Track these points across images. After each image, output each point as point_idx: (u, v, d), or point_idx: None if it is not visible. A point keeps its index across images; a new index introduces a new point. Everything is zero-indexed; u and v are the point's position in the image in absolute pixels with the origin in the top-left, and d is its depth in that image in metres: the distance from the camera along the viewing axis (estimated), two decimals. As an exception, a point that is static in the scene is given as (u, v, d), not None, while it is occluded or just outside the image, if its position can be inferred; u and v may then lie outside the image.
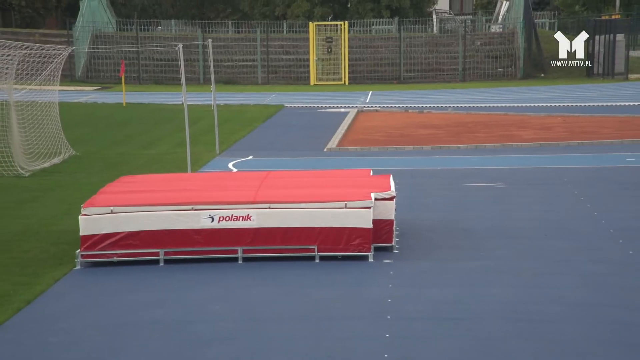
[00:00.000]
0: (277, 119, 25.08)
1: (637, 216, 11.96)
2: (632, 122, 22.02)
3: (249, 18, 49.35)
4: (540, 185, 14.31)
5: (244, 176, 12.98)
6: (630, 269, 9.50)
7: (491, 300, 8.52)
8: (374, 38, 39.99)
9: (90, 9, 39.99)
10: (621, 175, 15.14)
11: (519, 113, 24.74)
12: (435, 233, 11.19)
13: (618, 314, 8.08)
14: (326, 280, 9.28)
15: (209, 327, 7.95)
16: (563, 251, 10.27)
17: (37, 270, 9.79)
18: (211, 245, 9.92)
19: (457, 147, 18.77)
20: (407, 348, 7.34)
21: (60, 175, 15.92)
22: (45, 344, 7.63)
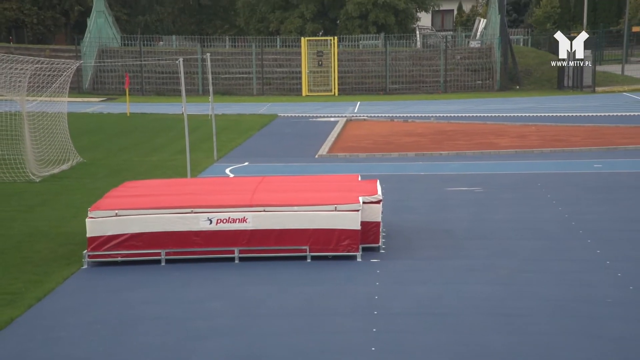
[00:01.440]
0: (272, 128, 25.07)
1: (604, 218, 11.99)
2: (600, 131, 22.08)
3: (245, 33, 49.37)
4: (516, 190, 14.33)
5: (240, 181, 12.97)
6: (598, 267, 9.53)
7: (470, 296, 8.54)
8: (361, 52, 40.03)
9: (97, 25, 39.97)
10: (590, 180, 15.17)
11: (496, 122, 24.78)
12: (419, 234, 11.20)
13: (585, 308, 8.12)
14: (317, 279, 9.28)
15: (208, 323, 7.94)
16: (536, 251, 10.30)
17: (47, 269, 9.77)
18: (209, 246, 9.92)
19: (439, 154, 18.79)
20: (393, 341, 7.35)
21: (69, 181, 15.89)
22: (55, 338, 7.62)
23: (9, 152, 16.68)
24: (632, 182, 14.85)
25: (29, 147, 16.26)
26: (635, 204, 12.98)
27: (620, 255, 9.94)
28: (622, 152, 18.42)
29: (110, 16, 41.64)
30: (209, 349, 7.27)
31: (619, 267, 9.46)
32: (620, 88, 35.76)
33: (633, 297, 8.39)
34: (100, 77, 38.83)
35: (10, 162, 16.21)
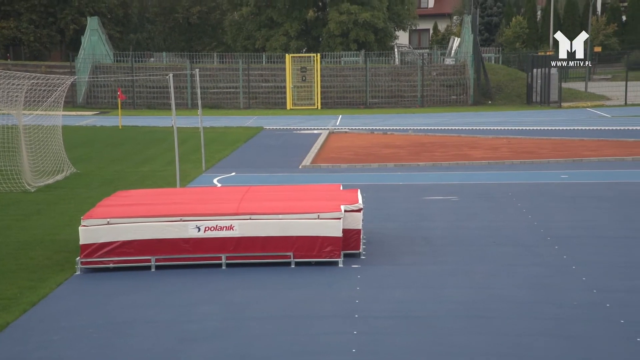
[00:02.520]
0: (257, 140, 25.06)
1: (570, 225, 12.06)
2: (566, 144, 22.25)
3: (232, 50, 49.41)
4: (489, 198, 14.39)
5: (227, 190, 12.94)
6: (564, 271, 9.58)
7: (446, 299, 8.55)
8: (343, 68, 40.16)
9: (90, 43, 39.92)
10: (557, 189, 15.27)
11: (470, 135, 24.91)
12: (398, 241, 11.21)
13: (554, 310, 8.15)
14: (301, 284, 9.26)
15: (197, 326, 7.90)
16: (508, 256, 10.34)
17: (42, 275, 9.70)
18: (198, 253, 9.88)
19: (416, 165, 18.84)
20: (373, 343, 7.34)
21: (63, 191, 15.80)
22: (49, 342, 7.56)
23: (6, 163, 16.60)
24: (596, 192, 14.96)
25: (25, 158, 16.19)
26: (599, 212, 13.07)
27: (585, 261, 10.00)
28: (586, 164, 18.55)
29: (104, 34, 41.61)
30: (198, 351, 7.23)
31: (584, 271, 9.51)
32: (584, 104, 36.09)
33: (596, 300, 8.44)
34: (94, 92, 38.71)
35: (7, 173, 16.13)
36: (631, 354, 6.93)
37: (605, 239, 11.22)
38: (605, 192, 14.89)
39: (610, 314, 7.99)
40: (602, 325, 7.69)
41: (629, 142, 22.13)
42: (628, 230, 11.76)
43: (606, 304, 8.31)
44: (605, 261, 9.99)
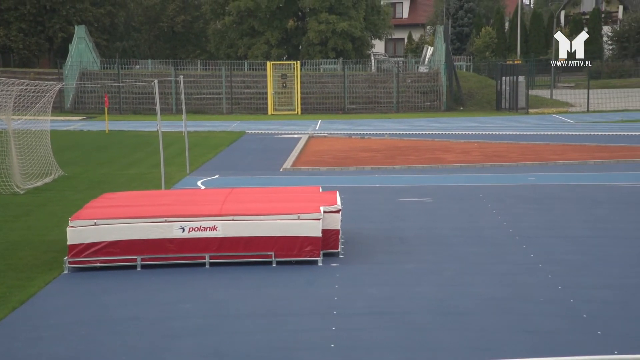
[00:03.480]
0: (240, 144, 25.00)
1: (537, 226, 12.14)
2: (533, 148, 22.40)
3: (215, 58, 49.28)
4: (461, 200, 14.45)
5: (210, 192, 12.89)
6: (531, 269, 9.64)
7: (420, 296, 8.58)
8: (322, 75, 40.18)
9: (78, 50, 39.68)
10: (525, 191, 15.36)
11: (443, 139, 25.01)
12: (375, 240, 11.23)
13: (521, 306, 8.21)
14: (282, 282, 9.25)
15: (181, 323, 7.86)
16: (478, 255, 10.39)
17: (30, 274, 9.62)
18: (182, 252, 9.84)
19: (392, 168, 18.89)
20: (351, 338, 7.35)
21: (51, 193, 15.67)
22: (38, 338, 7.50)
23: (-4, 166, 16.43)
24: (562, 193, 15.08)
25: (14, 161, 16.06)
26: (564, 212, 13.17)
27: (550, 259, 10.07)
28: (552, 167, 18.69)
29: (91, 42, 41.38)
30: (182, 347, 7.20)
31: (550, 269, 9.58)
32: (549, 110, 36.38)
33: (561, 296, 8.50)
34: (81, 98, 38.44)
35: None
36: (593, 346, 6.99)
37: (570, 238, 11.31)
38: (570, 193, 15.01)
39: (574, 309, 8.06)
40: (567, 320, 7.75)
41: (592, 147, 22.33)
42: (591, 229, 11.86)
43: (570, 299, 8.38)
44: (569, 259, 10.06)
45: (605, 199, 14.37)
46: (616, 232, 11.66)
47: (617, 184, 15.90)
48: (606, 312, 7.96)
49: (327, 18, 46.24)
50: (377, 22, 50.16)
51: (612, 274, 9.34)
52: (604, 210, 13.26)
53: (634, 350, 6.90)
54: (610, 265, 9.74)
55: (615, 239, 11.23)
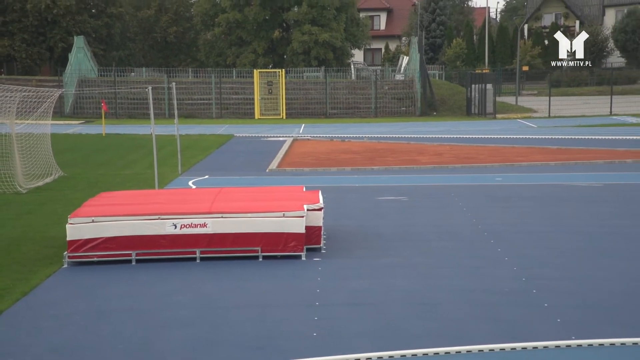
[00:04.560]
0: (228, 146, 24.94)
1: (504, 222, 12.20)
2: (500, 151, 22.53)
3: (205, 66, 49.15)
4: (434, 199, 14.50)
5: (201, 192, 12.86)
6: (498, 262, 9.70)
7: (396, 289, 8.60)
8: (305, 82, 40.17)
9: (77, 59, 39.47)
10: (492, 190, 15.45)
11: (418, 142, 25.08)
12: (354, 236, 11.25)
13: (488, 297, 8.25)
14: (267, 275, 9.24)
15: (173, 314, 7.83)
16: (450, 250, 10.43)
17: (32, 268, 9.55)
18: (174, 248, 9.81)
19: (371, 169, 18.92)
20: (332, 328, 7.35)
21: (51, 192, 15.55)
22: (39, 328, 7.44)
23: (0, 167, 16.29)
24: (526, 192, 15.17)
25: (17, 163, 15.95)
26: (528, 210, 13.26)
27: (515, 253, 10.13)
28: (518, 168, 18.81)
29: (89, 52, 41.16)
30: (173, 337, 7.18)
31: (515, 262, 9.64)
32: (514, 115, 36.61)
33: (525, 287, 8.56)
34: (80, 103, 38.18)
35: (1, 176, 15.84)
36: (553, 333, 7.05)
37: (534, 233, 11.38)
38: (534, 192, 15.10)
39: (536, 299, 8.12)
40: (529, 309, 7.81)
41: (553, 149, 22.49)
42: (553, 225, 11.95)
43: (533, 290, 8.44)
44: (533, 253, 10.13)
45: (566, 197, 14.49)
46: (575, 228, 11.75)
47: (575, 184, 16.03)
48: (565, 301, 8.03)
49: (310, 29, 46.26)
50: (357, 33, 50.25)
51: (570, 267, 9.42)
52: (564, 208, 13.37)
53: (590, 335, 6.96)
54: (569, 259, 9.82)
55: (574, 234, 11.32)
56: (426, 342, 6.87)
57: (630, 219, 12.34)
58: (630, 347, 6.74)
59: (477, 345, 6.78)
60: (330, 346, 6.84)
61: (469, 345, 6.78)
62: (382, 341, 6.96)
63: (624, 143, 23.41)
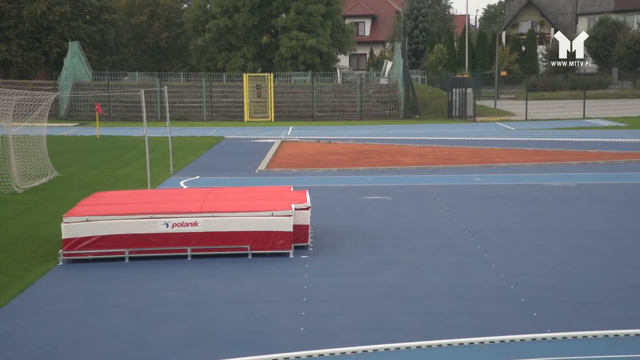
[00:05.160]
0: (219, 148, 24.87)
1: (483, 221, 12.25)
2: (480, 152, 22.60)
3: (196, 70, 49.00)
4: (417, 198, 14.53)
5: (192, 191, 12.81)
6: (478, 259, 9.74)
7: (381, 284, 8.62)
8: (293, 86, 40.13)
9: (72, 64, 39.25)
10: (472, 190, 15.50)
11: (401, 144, 25.13)
12: (341, 235, 11.25)
13: (469, 292, 8.28)
14: (256, 272, 9.23)
15: (165, 309, 7.80)
16: (432, 247, 10.46)
17: (28, 265, 9.49)
18: (166, 246, 9.77)
19: (356, 169, 18.92)
20: (319, 322, 7.36)
21: (47, 192, 15.44)
22: (35, 323, 7.39)
23: (-3, 168, 16.18)
24: (505, 192, 15.24)
25: (13, 164, 15.83)
26: (507, 209, 13.31)
27: (494, 250, 10.18)
28: (497, 169, 18.88)
29: (83, 56, 40.94)
30: (165, 331, 7.15)
31: (494, 259, 9.69)
32: (493, 118, 36.76)
33: (503, 283, 8.61)
34: (74, 106, 37.96)
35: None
36: (530, 326, 7.09)
37: (512, 231, 11.44)
38: (512, 192, 15.17)
39: (514, 294, 8.17)
40: (508, 304, 7.85)
41: (530, 151, 22.60)
42: (530, 224, 12.01)
43: (511, 285, 8.49)
44: (511, 250, 10.18)
45: (542, 197, 14.57)
46: (550, 226, 11.82)
47: (551, 184, 16.13)
48: (541, 296, 8.08)
49: (297, 35, 46.25)
50: (342, 39, 50.27)
51: (546, 263, 9.48)
52: (541, 207, 13.43)
53: (565, 328, 7.01)
54: (545, 255, 9.88)
55: (550, 232, 11.39)
56: (410, 336, 6.88)
57: (602, 218, 12.44)
58: (602, 339, 6.80)
59: (458, 339, 6.80)
60: (318, 340, 6.83)
61: (451, 339, 6.80)
62: (367, 335, 6.97)
63: (596, 145, 23.58)
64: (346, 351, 6.55)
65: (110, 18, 52.43)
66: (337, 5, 48.85)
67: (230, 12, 47.69)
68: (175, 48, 56.95)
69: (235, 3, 47.05)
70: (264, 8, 47.51)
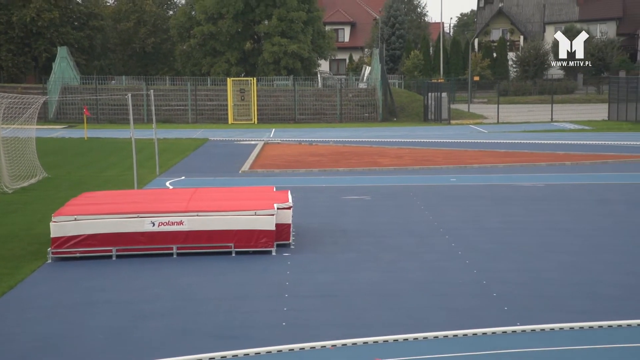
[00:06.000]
0: (203, 149, 24.75)
1: (458, 219, 12.30)
2: (454, 154, 22.71)
3: (182, 74, 48.74)
4: (394, 198, 14.57)
5: (177, 192, 12.74)
6: (453, 257, 9.78)
7: (359, 281, 8.63)
8: (275, 90, 40.07)
9: (60, 68, 38.89)
10: (447, 190, 15.58)
11: (379, 146, 25.19)
12: (321, 233, 11.25)
13: (443, 288, 8.32)
14: (240, 269, 9.20)
15: (151, 306, 7.75)
16: (409, 245, 10.49)
17: (18, 263, 9.37)
18: (152, 244, 9.70)
19: (336, 170, 18.93)
20: (300, 317, 7.35)
21: (36, 192, 15.27)
22: (25, 319, 7.32)
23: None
24: (478, 192, 15.34)
25: (3, 164, 15.62)
26: (480, 208, 13.39)
27: (468, 248, 10.23)
28: (470, 169, 18.99)
29: (72, 61, 40.59)
30: (151, 327, 7.10)
31: (468, 256, 9.74)
32: (467, 121, 36.98)
33: (476, 279, 8.66)
34: (63, 109, 37.59)
35: (-13, 177, 15.50)
36: (501, 320, 7.14)
37: (485, 229, 11.51)
38: (484, 192, 15.27)
39: (486, 289, 8.22)
40: (480, 299, 7.90)
41: (501, 152, 22.76)
42: (502, 222, 12.10)
43: (483, 281, 8.54)
44: (484, 248, 10.24)
45: (512, 196, 14.67)
46: (521, 224, 11.91)
47: (521, 184, 16.26)
48: (511, 291, 8.14)
49: (279, 41, 46.20)
50: (323, 44, 50.30)
51: (517, 260, 9.55)
52: (512, 206, 13.54)
53: (533, 322, 7.08)
54: (516, 253, 9.95)
55: (520, 230, 11.48)
56: (387, 330, 6.90)
57: (570, 216, 12.56)
58: (568, 331, 6.88)
59: (433, 332, 6.83)
60: (299, 335, 6.82)
61: (427, 332, 6.83)
62: (346, 329, 6.97)
63: (564, 147, 23.82)
64: (326, 345, 6.55)
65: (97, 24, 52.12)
66: (317, 13, 48.90)
67: (215, 19, 47.55)
68: (161, 53, 56.65)
69: (219, 10, 46.90)
70: (247, 15, 47.42)
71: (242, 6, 46.58)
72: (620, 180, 16.71)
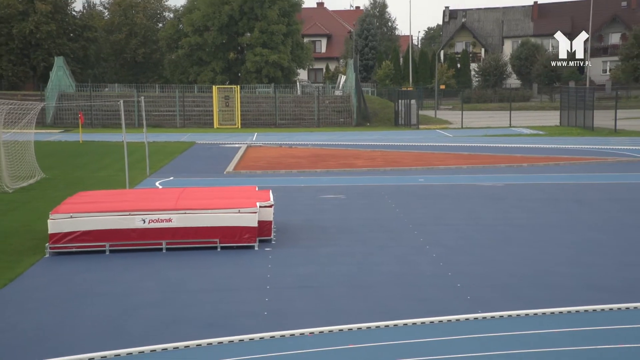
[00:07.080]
0: (191, 152, 24.60)
1: (425, 216, 12.37)
2: (422, 156, 22.83)
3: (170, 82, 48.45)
4: (368, 197, 14.61)
5: (166, 191, 12.64)
6: (421, 250, 9.84)
7: (336, 273, 8.65)
8: (257, 97, 39.98)
9: (57, 77, 38.52)
10: (416, 189, 15.66)
11: (354, 148, 25.23)
12: (300, 229, 11.26)
13: (413, 279, 8.37)
14: (225, 263, 9.17)
15: (142, 297, 7.70)
16: (381, 240, 10.54)
17: (17, 258, 9.26)
18: (143, 240, 9.64)
19: (315, 171, 18.93)
20: (280, 307, 7.35)
21: (35, 192, 15.07)
22: (24, 310, 7.23)
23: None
24: (444, 191, 15.45)
25: (4, 166, 15.45)
26: (445, 206, 13.48)
27: (435, 242, 10.31)
28: (437, 170, 19.11)
29: (68, 70, 40.21)
30: (143, 317, 7.05)
31: (434, 250, 9.81)
32: (434, 126, 37.24)
33: (442, 271, 8.73)
34: (60, 115, 37.15)
35: (-13, 178, 15.28)
36: (464, 308, 7.22)
37: (450, 225, 11.60)
38: (449, 191, 15.38)
39: (451, 281, 8.29)
40: (446, 289, 7.97)
41: (465, 155, 22.93)
42: (466, 219, 12.19)
43: (449, 273, 8.61)
44: (449, 243, 10.32)
45: (475, 195, 14.81)
46: (483, 221, 12.02)
47: (482, 184, 16.41)
48: (474, 282, 8.22)
49: (261, 51, 46.16)
50: (301, 55, 50.33)
51: (480, 254, 9.64)
52: (474, 204, 13.65)
53: (493, 310, 7.16)
54: (478, 247, 10.05)
55: (482, 226, 11.59)
56: (361, 318, 6.93)
57: (526, 213, 12.71)
58: (524, 317, 6.98)
59: (403, 320, 6.88)
60: (279, 323, 6.83)
61: (397, 320, 6.88)
62: (324, 318, 6.99)
63: (521, 150, 24.09)
64: (305, 332, 6.56)
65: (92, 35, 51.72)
66: (296, 26, 48.92)
67: (201, 31, 47.36)
68: (151, 62, 56.32)
69: (205, 23, 46.72)
70: (231, 27, 47.31)
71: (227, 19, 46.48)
72: (570, 180, 16.96)
